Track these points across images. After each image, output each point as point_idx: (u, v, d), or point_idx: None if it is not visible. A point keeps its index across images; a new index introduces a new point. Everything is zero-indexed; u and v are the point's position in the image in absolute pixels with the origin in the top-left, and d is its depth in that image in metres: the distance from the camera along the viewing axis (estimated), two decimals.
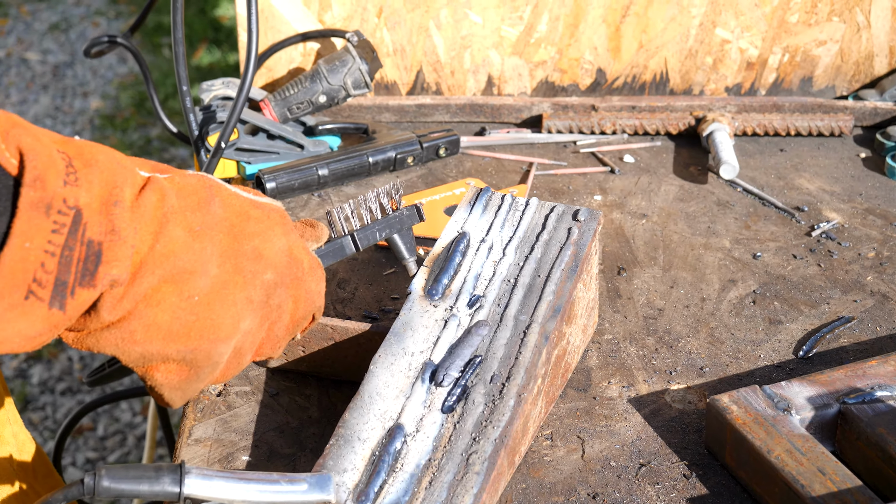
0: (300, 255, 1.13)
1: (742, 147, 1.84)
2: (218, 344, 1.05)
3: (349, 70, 1.73)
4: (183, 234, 1.00)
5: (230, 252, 1.05)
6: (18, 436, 1.37)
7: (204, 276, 1.02)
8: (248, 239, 1.07)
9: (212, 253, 1.03)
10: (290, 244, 1.11)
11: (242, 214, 1.08)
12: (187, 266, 1.00)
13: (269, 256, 1.08)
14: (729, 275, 1.49)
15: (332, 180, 1.67)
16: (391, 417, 1.11)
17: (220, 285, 1.04)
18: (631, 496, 1.13)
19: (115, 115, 4.89)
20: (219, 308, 1.04)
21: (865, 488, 1.04)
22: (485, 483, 1.04)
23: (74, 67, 5.34)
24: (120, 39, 1.80)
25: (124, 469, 0.99)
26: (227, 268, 1.05)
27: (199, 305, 1.02)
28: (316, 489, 1.04)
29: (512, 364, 1.14)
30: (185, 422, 1.23)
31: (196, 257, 1.01)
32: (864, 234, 1.59)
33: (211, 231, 1.03)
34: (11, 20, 5.83)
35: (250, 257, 1.07)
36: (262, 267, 1.08)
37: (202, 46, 5.29)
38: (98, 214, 0.92)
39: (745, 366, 1.32)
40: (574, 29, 1.88)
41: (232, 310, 1.05)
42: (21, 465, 1.34)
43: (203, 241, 1.02)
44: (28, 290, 0.89)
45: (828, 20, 1.88)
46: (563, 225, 1.27)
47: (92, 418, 3.33)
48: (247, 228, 1.07)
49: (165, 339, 1.01)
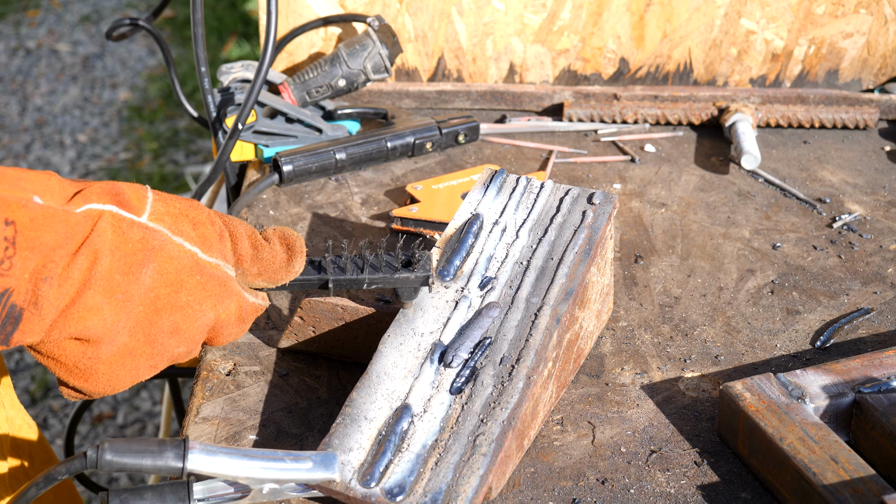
0: (226, 322, 1.14)
1: (765, 138, 1.82)
2: (114, 390, 1.10)
3: (369, 54, 1.72)
4: (101, 301, 1.03)
5: (145, 324, 1.07)
6: (14, 420, 1.37)
7: (110, 345, 1.05)
8: (169, 313, 1.08)
9: (125, 324, 1.05)
10: (217, 317, 1.12)
11: (175, 284, 1.08)
12: (95, 333, 1.03)
13: (187, 332, 1.10)
14: (748, 265, 1.48)
15: (350, 164, 1.66)
16: (399, 397, 1.10)
17: (127, 353, 1.07)
18: (640, 482, 1.12)
19: (143, 107, 4.90)
20: (120, 371, 1.08)
21: (878, 477, 1.02)
22: (491, 465, 1.03)
23: (104, 59, 5.36)
24: (142, 22, 1.80)
25: (127, 443, 0.98)
26: (138, 338, 1.08)
27: (102, 364, 1.07)
28: (320, 467, 1.03)
29: (522, 346, 1.13)
30: (193, 400, 1.22)
31: (106, 327, 1.04)
32: (887, 226, 1.57)
33: (130, 302, 1.05)
34: (43, 11, 5.85)
35: (166, 331, 1.09)
36: (175, 342, 1.10)
37: (232, 40, 5.29)
38: (27, 283, 0.97)
39: (760, 355, 1.31)
40: (597, 17, 1.87)
41: (133, 373, 1.09)
42: (15, 448, 1.34)
43: (118, 313, 1.04)
44: None
45: (855, 12, 1.86)
46: (578, 208, 1.26)
47: (112, 406, 3.33)
48: (174, 300, 1.08)
49: (66, 375, 1.07)
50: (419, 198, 1.57)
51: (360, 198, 1.63)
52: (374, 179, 1.68)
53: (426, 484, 1.03)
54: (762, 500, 1.09)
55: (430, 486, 1.02)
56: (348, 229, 1.54)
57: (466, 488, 1.02)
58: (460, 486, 1.02)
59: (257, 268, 1.14)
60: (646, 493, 1.10)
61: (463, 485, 1.02)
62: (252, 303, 1.15)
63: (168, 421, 2.17)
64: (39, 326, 0.99)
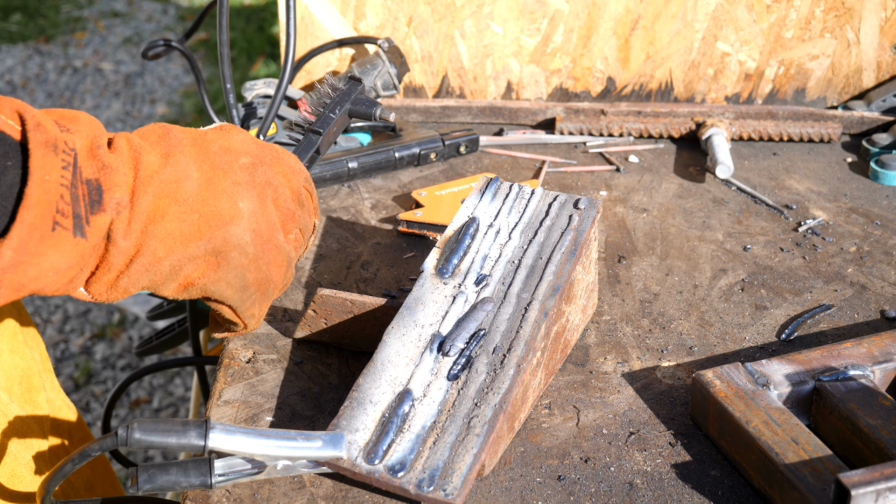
0: (267, 144, 1.16)
1: (738, 150, 1.82)
2: (228, 227, 1.06)
3: (379, 73, 1.73)
4: (157, 158, 1.02)
5: (201, 156, 1.07)
6: (54, 402, 1.37)
7: (188, 180, 1.04)
8: (211, 143, 1.09)
9: (186, 162, 1.05)
10: (251, 137, 1.14)
11: (200, 134, 1.10)
12: (171, 177, 1.02)
13: (237, 146, 1.11)
14: (720, 264, 1.48)
15: (361, 173, 1.67)
16: (401, 383, 1.10)
17: (205, 181, 1.06)
18: (620, 461, 1.12)
19: (178, 120, 4.91)
20: (212, 199, 1.05)
21: (835, 457, 1.02)
22: (484, 444, 1.03)
23: (144, 77, 5.36)
24: (174, 43, 1.80)
25: (154, 423, 0.99)
26: (204, 168, 1.06)
27: (196, 203, 1.04)
28: (329, 446, 1.03)
29: (513, 337, 1.13)
30: (216, 385, 1.22)
31: (174, 169, 1.03)
32: (847, 230, 1.57)
33: (178, 148, 1.05)
34: (89, 34, 5.86)
35: (220, 153, 1.09)
36: (234, 156, 1.10)
37: (260, 60, 5.30)
38: (88, 158, 0.95)
39: (731, 346, 1.31)
40: (587, 40, 1.87)
41: (224, 196, 1.06)
42: (55, 428, 1.34)
43: (175, 156, 1.04)
44: (54, 222, 0.90)
45: (820, 36, 1.86)
46: (565, 212, 1.26)
47: (148, 391, 3.34)
48: (208, 137, 1.10)
49: (183, 243, 1.03)
50: (424, 203, 1.58)
51: (370, 203, 1.63)
52: (383, 186, 1.68)
53: (425, 461, 1.03)
54: (730, 478, 1.09)
55: (429, 463, 1.02)
56: (359, 231, 1.54)
57: (461, 465, 1.02)
58: (456, 464, 1.02)
59: None
60: (625, 470, 1.10)
61: (458, 462, 1.02)
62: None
63: (196, 405, 2.17)
64: (118, 179, 0.97)
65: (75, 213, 0.92)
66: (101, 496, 1.46)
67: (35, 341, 1.36)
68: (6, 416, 1.23)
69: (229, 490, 1.06)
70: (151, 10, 6.18)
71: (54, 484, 0.99)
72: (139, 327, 3.61)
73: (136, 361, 3.46)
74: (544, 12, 1.84)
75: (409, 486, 1.01)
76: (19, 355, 1.30)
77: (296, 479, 1.07)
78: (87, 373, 3.40)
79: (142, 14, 6.12)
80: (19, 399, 1.28)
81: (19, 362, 1.30)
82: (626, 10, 1.83)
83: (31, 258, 0.89)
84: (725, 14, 1.83)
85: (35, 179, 0.88)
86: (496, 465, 1.10)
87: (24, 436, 1.26)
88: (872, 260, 1.49)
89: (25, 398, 1.29)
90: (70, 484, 1.38)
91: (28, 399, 1.30)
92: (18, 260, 0.88)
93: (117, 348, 3.51)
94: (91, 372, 3.41)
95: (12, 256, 0.88)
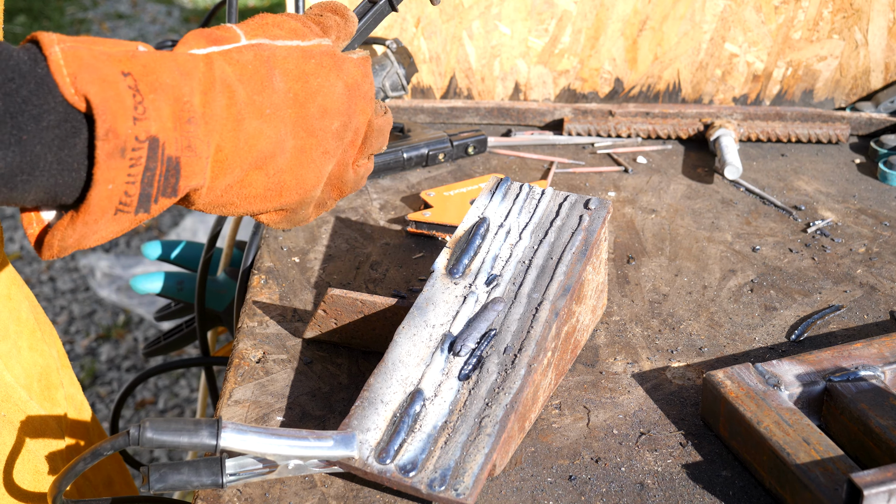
0: (354, 82, 1.10)
1: (746, 151, 1.82)
2: (307, 193, 1.08)
3: (387, 73, 1.73)
4: (257, 124, 0.99)
5: (300, 121, 1.04)
6: (75, 398, 1.37)
7: (282, 154, 1.03)
8: (311, 100, 1.05)
9: (285, 131, 1.02)
10: (345, 82, 1.09)
11: (301, 77, 1.05)
12: (266, 151, 1.01)
13: (332, 107, 1.07)
14: (729, 265, 1.48)
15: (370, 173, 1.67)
16: (412, 383, 1.10)
17: (298, 152, 1.05)
18: (631, 461, 1.12)
19: None
20: (301, 171, 1.06)
21: (846, 457, 1.02)
22: (495, 444, 1.04)
23: None
24: None
25: (166, 422, 0.99)
26: (300, 136, 1.05)
27: (285, 174, 1.04)
28: (341, 445, 1.04)
29: (524, 337, 1.13)
30: (226, 385, 1.22)
31: (272, 141, 1.01)
32: (856, 231, 1.57)
33: (279, 110, 1.02)
34: (93, 35, 5.86)
35: (317, 116, 1.06)
36: (328, 121, 1.07)
37: None
38: (174, 132, 0.90)
39: (740, 347, 1.31)
40: (595, 41, 1.87)
41: (312, 166, 1.07)
42: (73, 426, 1.34)
43: (276, 123, 1.01)
44: (116, 210, 0.89)
45: (828, 37, 1.86)
46: (576, 212, 1.26)
47: (154, 393, 3.34)
48: (309, 88, 1.05)
49: (262, 202, 1.04)
50: (432, 203, 1.58)
51: (379, 203, 1.63)
52: (392, 187, 1.68)
53: (436, 461, 1.03)
54: (741, 478, 1.10)
55: (440, 463, 1.03)
56: (368, 231, 1.55)
57: (473, 465, 1.02)
58: (467, 464, 1.02)
59: (335, 34, 1.13)
60: (635, 470, 1.10)
61: (469, 462, 1.02)
62: (357, 58, 1.13)
63: (204, 405, 2.17)
64: (199, 167, 0.94)
65: (143, 194, 0.90)
66: (120, 493, 1.47)
67: (52, 338, 1.37)
68: (26, 413, 1.23)
69: (240, 490, 1.06)
70: (156, 12, 6.18)
71: (66, 483, 0.99)
72: (144, 329, 3.61)
73: (140, 363, 3.46)
74: (552, 13, 1.84)
75: (421, 485, 1.01)
76: (38, 352, 1.30)
77: (307, 479, 1.08)
78: (92, 374, 3.40)
79: (146, 16, 6.12)
80: (38, 397, 1.28)
81: (38, 359, 1.30)
82: (634, 11, 1.83)
83: (85, 237, 0.90)
84: (734, 15, 1.83)
85: (98, 190, 0.87)
86: (507, 465, 1.10)
87: (44, 434, 1.26)
88: (882, 261, 1.49)
89: (45, 395, 1.29)
90: (88, 481, 1.38)
91: (47, 396, 1.30)
92: (74, 240, 0.90)
93: (122, 349, 3.52)
94: (96, 373, 3.41)
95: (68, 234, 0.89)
